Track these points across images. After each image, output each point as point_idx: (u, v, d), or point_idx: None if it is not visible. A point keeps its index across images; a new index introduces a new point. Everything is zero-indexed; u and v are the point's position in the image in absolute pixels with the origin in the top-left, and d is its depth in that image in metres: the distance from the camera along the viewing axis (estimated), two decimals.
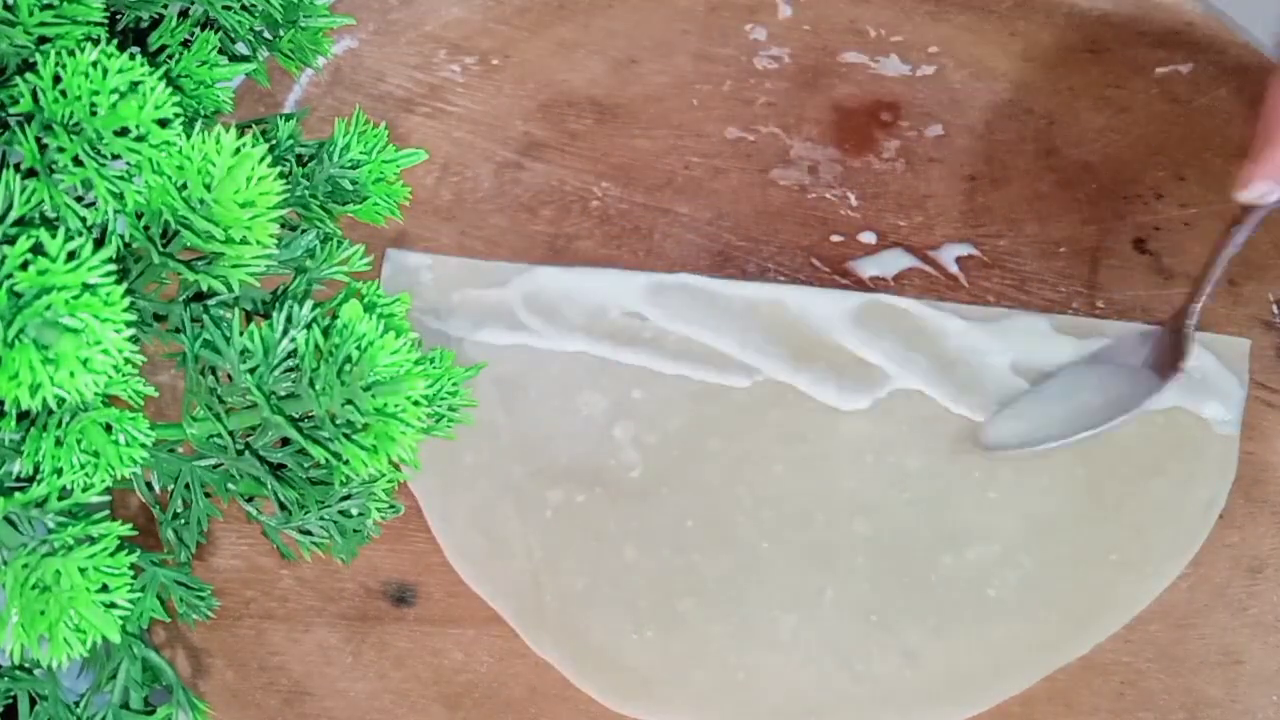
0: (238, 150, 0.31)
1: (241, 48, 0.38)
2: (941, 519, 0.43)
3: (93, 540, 0.30)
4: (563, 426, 0.45)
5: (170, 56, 0.35)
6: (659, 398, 0.46)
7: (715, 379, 0.46)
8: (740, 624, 0.42)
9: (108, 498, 0.32)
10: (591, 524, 0.44)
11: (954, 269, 0.48)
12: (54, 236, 0.27)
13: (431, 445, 0.39)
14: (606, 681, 0.41)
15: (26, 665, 0.36)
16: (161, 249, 0.32)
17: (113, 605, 0.30)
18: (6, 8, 0.30)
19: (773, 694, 0.41)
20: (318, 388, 0.31)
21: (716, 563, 0.43)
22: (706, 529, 0.43)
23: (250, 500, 0.38)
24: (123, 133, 0.30)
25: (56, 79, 0.29)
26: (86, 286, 0.27)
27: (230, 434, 0.35)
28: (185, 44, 0.35)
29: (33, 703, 0.36)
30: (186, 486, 0.37)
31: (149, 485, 0.38)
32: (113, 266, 0.27)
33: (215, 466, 0.37)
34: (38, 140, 0.30)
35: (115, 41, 0.30)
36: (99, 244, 0.29)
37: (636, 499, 0.44)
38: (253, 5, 0.37)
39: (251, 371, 0.32)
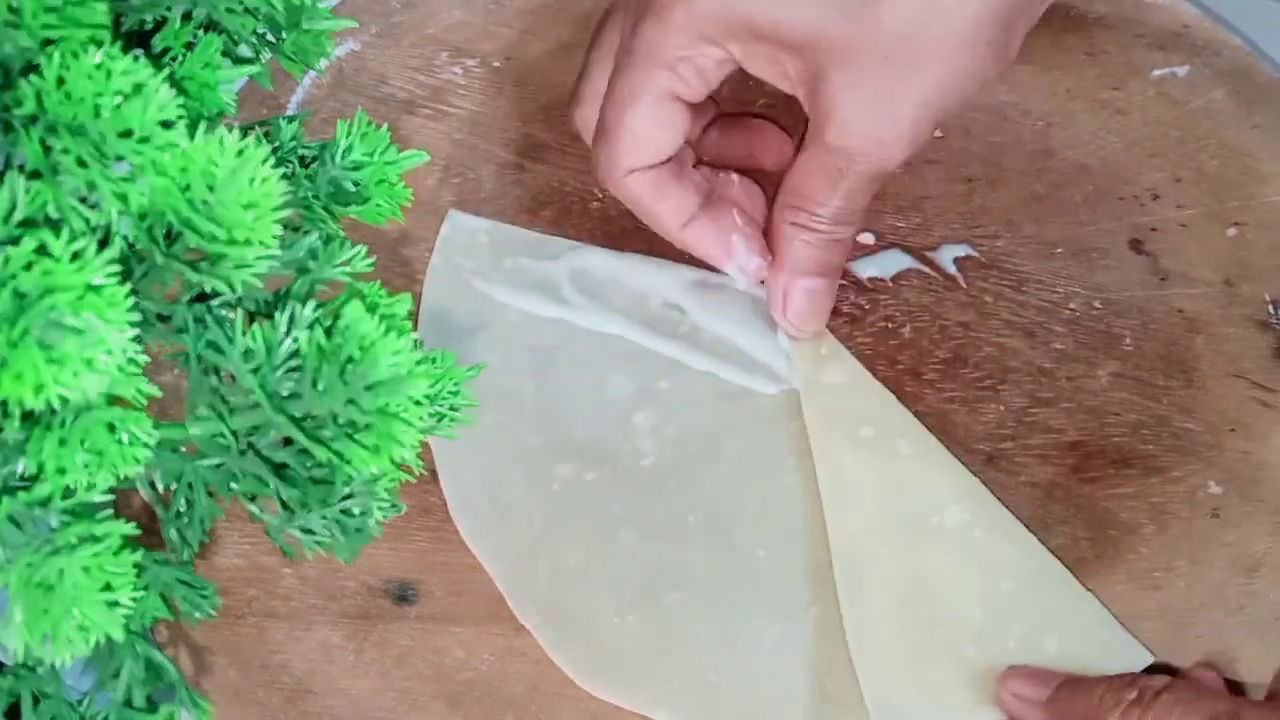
0: (241, 152, 0.31)
1: (244, 50, 0.39)
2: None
3: (96, 539, 0.30)
4: (586, 405, 0.46)
5: (174, 59, 0.35)
6: (685, 391, 0.46)
7: (743, 381, 0.46)
8: (722, 626, 0.42)
9: (111, 497, 0.32)
10: (595, 503, 0.44)
11: (952, 269, 0.48)
12: (58, 237, 0.27)
13: None
14: (579, 657, 0.41)
15: (30, 664, 0.36)
16: (165, 250, 0.32)
17: (116, 604, 0.30)
18: (11, 10, 0.30)
19: (740, 699, 0.41)
20: (320, 388, 0.31)
21: (711, 563, 0.43)
22: (707, 528, 0.43)
23: (253, 499, 0.38)
24: (126, 134, 0.30)
25: (60, 81, 0.29)
26: (90, 287, 0.27)
27: (233, 434, 0.35)
28: (189, 46, 0.36)
29: (36, 701, 0.36)
30: (189, 486, 0.38)
31: (152, 484, 0.38)
32: (116, 267, 0.28)
33: (218, 466, 0.37)
34: (42, 142, 0.30)
35: (119, 44, 0.30)
36: (103, 245, 0.29)
37: (644, 487, 0.44)
38: (256, 8, 0.37)
39: (254, 371, 0.32)
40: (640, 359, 0.47)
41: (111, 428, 0.32)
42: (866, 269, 0.49)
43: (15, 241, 0.27)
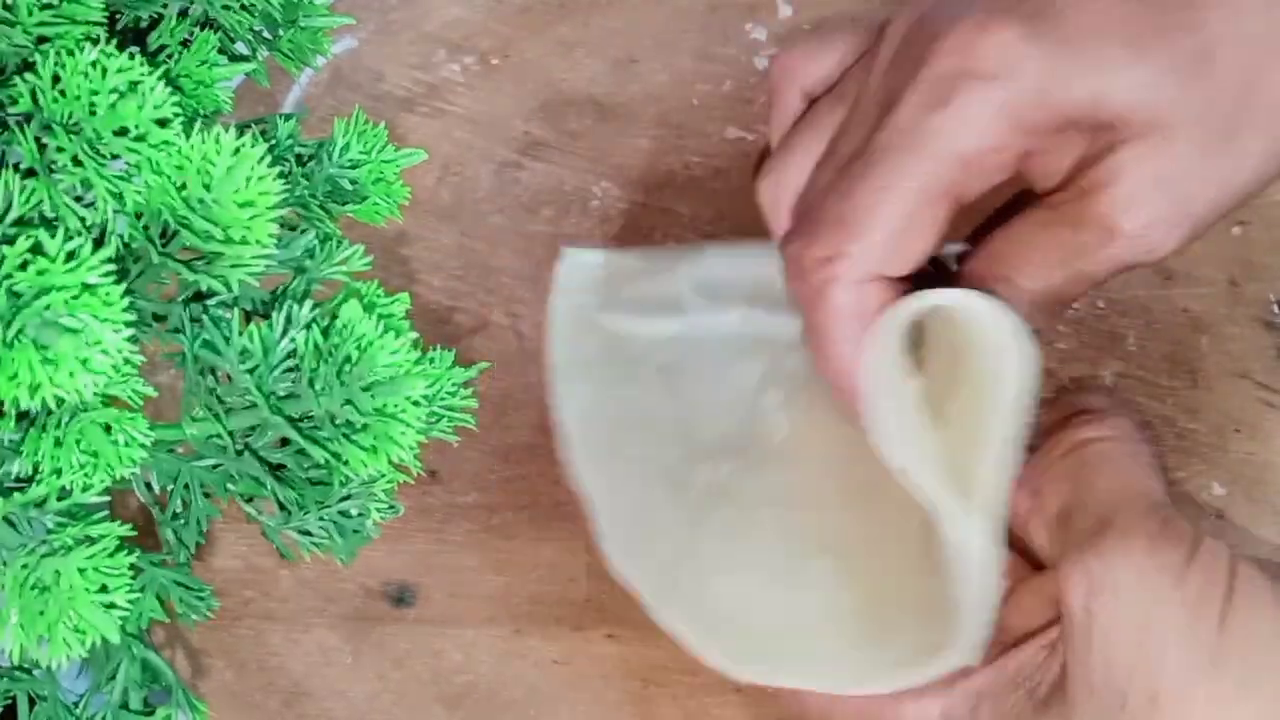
0: (237, 150, 0.31)
1: (241, 47, 0.38)
2: None
3: (92, 540, 0.30)
4: (717, 402, 0.44)
5: (170, 56, 0.35)
6: (812, 363, 0.44)
7: None
8: (872, 587, 0.40)
9: (107, 498, 0.32)
10: (734, 492, 0.42)
11: (955, 267, 0.48)
12: (53, 236, 0.27)
13: (597, 443, 0.43)
14: (729, 644, 0.40)
15: (26, 666, 0.36)
16: (161, 249, 0.32)
17: (112, 605, 0.30)
18: (6, 7, 0.30)
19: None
20: (317, 388, 0.31)
21: (855, 527, 0.41)
22: (846, 491, 0.41)
23: (250, 500, 0.38)
24: (122, 132, 0.30)
25: (56, 79, 0.29)
26: (86, 286, 0.27)
27: (230, 434, 0.35)
28: (185, 44, 0.35)
29: (32, 703, 0.36)
30: (186, 487, 0.37)
31: (148, 485, 0.38)
32: (112, 266, 0.27)
33: (215, 467, 0.37)
34: (37, 140, 0.30)
35: (114, 41, 0.30)
36: (98, 244, 0.29)
37: (779, 462, 0.43)
38: (252, 5, 0.37)
39: (251, 371, 0.32)
40: (765, 341, 0.45)
41: (107, 428, 0.31)
42: None
43: (10, 241, 0.27)
